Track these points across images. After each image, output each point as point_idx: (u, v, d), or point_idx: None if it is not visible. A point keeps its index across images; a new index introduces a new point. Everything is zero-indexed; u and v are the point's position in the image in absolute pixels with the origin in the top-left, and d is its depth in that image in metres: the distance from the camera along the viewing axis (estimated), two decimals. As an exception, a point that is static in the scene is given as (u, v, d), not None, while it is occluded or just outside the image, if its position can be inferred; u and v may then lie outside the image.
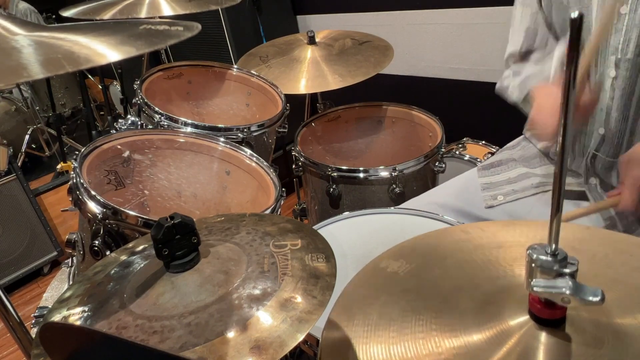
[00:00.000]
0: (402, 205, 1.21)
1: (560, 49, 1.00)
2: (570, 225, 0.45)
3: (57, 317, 0.60)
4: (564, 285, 0.44)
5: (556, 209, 0.44)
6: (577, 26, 0.38)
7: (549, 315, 0.46)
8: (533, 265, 0.46)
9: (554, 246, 0.45)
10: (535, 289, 0.45)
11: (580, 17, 0.37)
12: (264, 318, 0.53)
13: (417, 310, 0.52)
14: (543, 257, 0.45)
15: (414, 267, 0.60)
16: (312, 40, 1.82)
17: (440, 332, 0.49)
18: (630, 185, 0.84)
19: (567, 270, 0.45)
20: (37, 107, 3.29)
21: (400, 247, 0.65)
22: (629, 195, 0.84)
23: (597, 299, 0.43)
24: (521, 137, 1.24)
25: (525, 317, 0.48)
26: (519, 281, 0.55)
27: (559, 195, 0.44)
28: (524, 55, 1.12)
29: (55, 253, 2.45)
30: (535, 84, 1.03)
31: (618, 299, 0.49)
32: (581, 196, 1.05)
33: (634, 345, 0.45)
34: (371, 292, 0.57)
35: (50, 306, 0.64)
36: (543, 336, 0.46)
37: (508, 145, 1.26)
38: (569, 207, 1.03)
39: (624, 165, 0.87)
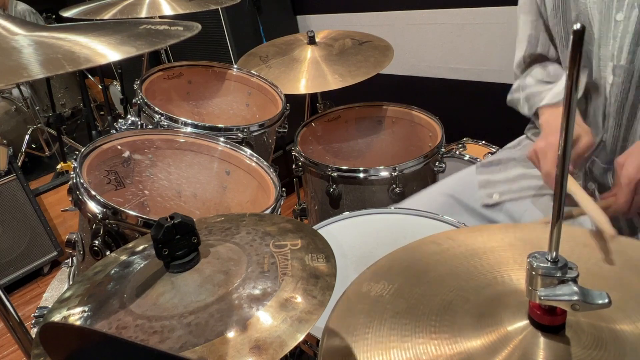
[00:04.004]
0: (404, 202, 1.21)
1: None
2: (563, 227, 0.45)
3: (57, 317, 0.60)
4: (571, 292, 0.44)
5: (557, 215, 0.44)
6: (578, 38, 0.38)
7: (550, 322, 0.46)
8: (534, 273, 0.45)
9: (554, 253, 0.45)
10: (542, 298, 0.45)
11: (583, 29, 0.37)
12: (264, 318, 0.53)
13: (415, 332, 0.51)
14: (544, 265, 0.45)
15: (397, 288, 0.58)
16: (312, 40, 1.82)
17: (442, 352, 0.48)
18: (624, 186, 0.83)
19: (569, 276, 0.44)
20: (37, 107, 3.29)
21: (377, 267, 0.63)
22: (623, 197, 0.83)
23: (605, 301, 0.43)
24: (522, 136, 1.24)
25: (521, 324, 0.48)
26: (506, 288, 0.55)
27: (560, 201, 0.44)
28: (529, 64, 1.12)
29: (55, 253, 2.45)
30: (540, 103, 1.03)
31: (616, 303, 0.49)
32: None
33: (634, 349, 0.45)
34: (360, 320, 0.54)
35: (50, 306, 0.64)
36: (542, 341, 0.46)
37: (509, 144, 1.26)
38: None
39: (619, 166, 0.86)
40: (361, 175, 1.44)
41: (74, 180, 1.01)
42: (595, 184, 1.02)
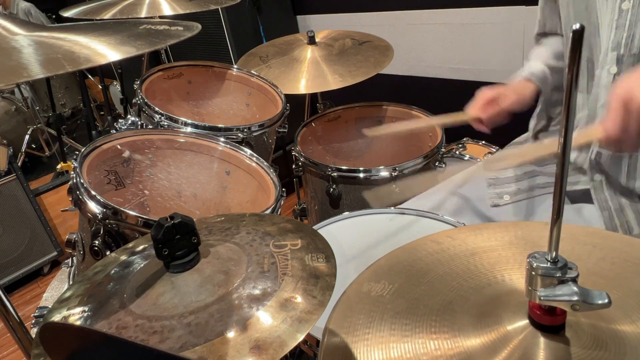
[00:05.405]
0: (405, 204, 1.21)
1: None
2: (564, 226, 0.45)
3: (57, 317, 0.60)
4: (571, 292, 0.44)
5: (556, 215, 0.44)
6: (578, 37, 0.38)
7: (550, 322, 0.46)
8: (533, 273, 0.45)
9: (554, 253, 0.45)
10: (542, 298, 0.44)
11: (582, 29, 0.37)
12: (264, 318, 0.53)
13: (415, 332, 0.51)
14: (544, 265, 0.45)
15: (398, 288, 0.58)
16: (312, 40, 1.82)
17: (442, 352, 0.48)
18: (613, 108, 0.74)
19: (569, 277, 0.44)
20: (37, 107, 3.30)
21: (377, 267, 0.63)
22: (611, 118, 0.74)
23: (605, 301, 0.43)
24: (529, 132, 1.23)
25: (521, 324, 0.48)
26: (506, 287, 0.55)
27: (560, 201, 0.43)
28: (542, 35, 1.19)
29: (55, 253, 2.45)
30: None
31: (616, 302, 0.49)
32: (585, 197, 1.04)
33: (634, 349, 0.45)
34: (361, 320, 0.54)
35: (50, 306, 0.64)
36: (542, 341, 0.46)
37: (516, 140, 1.25)
38: (568, 211, 1.02)
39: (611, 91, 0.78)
40: (361, 175, 1.44)
41: (74, 180, 1.01)
42: (602, 176, 1.00)
